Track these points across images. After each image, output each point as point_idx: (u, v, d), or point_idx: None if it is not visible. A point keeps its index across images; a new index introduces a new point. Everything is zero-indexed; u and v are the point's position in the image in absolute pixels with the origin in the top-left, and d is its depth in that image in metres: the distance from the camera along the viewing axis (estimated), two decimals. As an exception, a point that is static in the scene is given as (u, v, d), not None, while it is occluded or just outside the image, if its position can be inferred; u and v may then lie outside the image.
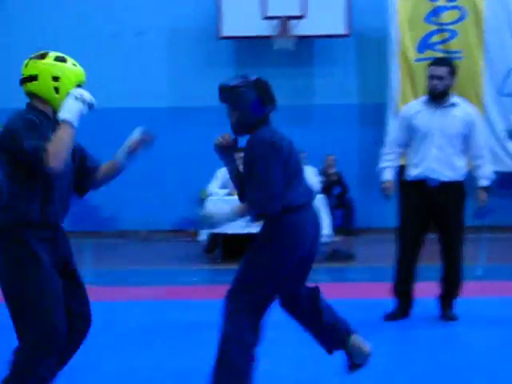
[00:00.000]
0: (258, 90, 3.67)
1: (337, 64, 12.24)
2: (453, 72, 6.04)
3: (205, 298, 7.43)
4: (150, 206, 12.32)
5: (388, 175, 6.14)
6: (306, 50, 12.14)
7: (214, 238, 9.71)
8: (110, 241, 12.21)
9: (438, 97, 5.94)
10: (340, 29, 11.51)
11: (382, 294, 6.32)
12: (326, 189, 11.08)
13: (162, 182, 12.45)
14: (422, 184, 5.90)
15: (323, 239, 9.26)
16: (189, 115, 12.35)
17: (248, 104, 3.63)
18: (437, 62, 6.17)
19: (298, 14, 11.34)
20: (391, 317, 6.13)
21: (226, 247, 9.77)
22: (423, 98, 6.11)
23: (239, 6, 11.42)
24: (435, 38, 11.45)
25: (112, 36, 12.26)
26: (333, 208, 10.98)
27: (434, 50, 11.37)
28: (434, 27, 11.42)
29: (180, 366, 4.91)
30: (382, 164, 6.26)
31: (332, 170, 11.84)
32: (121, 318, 6.52)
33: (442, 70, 5.93)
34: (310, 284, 3.96)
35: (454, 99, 6.07)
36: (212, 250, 10.02)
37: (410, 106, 6.29)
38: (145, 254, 11.10)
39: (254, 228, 8.34)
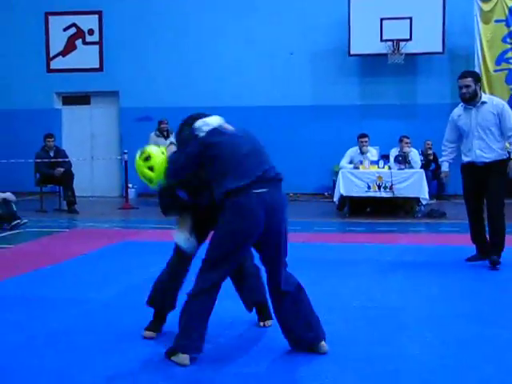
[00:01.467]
0: None
1: (434, 74, 13.81)
2: (476, 80, 6.62)
3: (337, 242, 8.48)
4: (297, 175, 13.86)
5: (444, 167, 7.05)
6: (412, 63, 13.83)
7: (344, 199, 11.10)
8: None
9: (468, 100, 6.55)
10: (437, 47, 13.23)
11: (467, 243, 7.02)
12: (425, 165, 12.13)
13: (307, 159, 14.48)
14: (472, 166, 6.66)
15: (424, 202, 11.03)
16: (326, 111, 14.49)
17: None
18: (463, 74, 6.66)
19: (406, 37, 13.22)
20: (472, 259, 6.87)
21: (352, 206, 11.17)
22: (461, 103, 6.72)
23: (363, 32, 13.36)
24: (509, 54, 13.03)
25: (270, 55, 14.60)
26: (430, 179, 11.91)
27: (508, 62, 13.00)
28: (509, 46, 13.01)
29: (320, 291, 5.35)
30: (441, 158, 7.21)
31: (429, 152, 12.98)
32: None
33: (467, 81, 6.51)
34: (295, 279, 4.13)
35: (484, 98, 6.65)
36: (342, 208, 11.40)
37: (455, 111, 6.82)
38: (293, 210, 12.66)
39: (373, 192, 11.00)
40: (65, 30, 15.94)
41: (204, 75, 15.00)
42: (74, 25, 15.87)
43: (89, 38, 15.91)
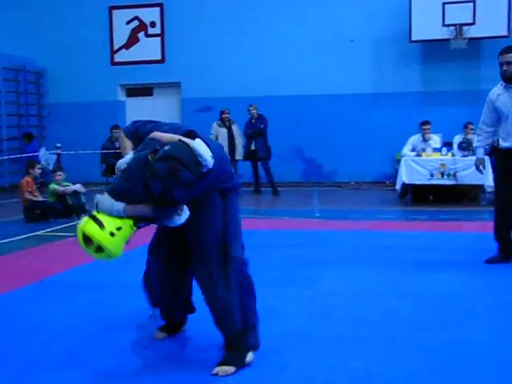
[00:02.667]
0: None
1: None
2: None
3: (399, 229, 8.46)
4: (359, 163, 14.48)
5: (480, 153, 6.43)
6: (475, 48, 13.71)
7: (406, 187, 10.94)
8: (330, 189, 14.28)
9: (509, 79, 5.92)
10: (502, 31, 13.08)
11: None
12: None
13: (368, 147, 14.51)
14: (509, 152, 6.03)
15: (488, 189, 10.34)
16: (387, 98, 14.53)
17: None
18: (504, 50, 5.96)
19: (469, 21, 13.12)
20: (492, 260, 6.18)
21: (414, 194, 11.03)
22: (501, 82, 6.04)
23: (425, 17, 13.31)
24: None
25: (331, 43, 14.66)
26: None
27: None
28: None
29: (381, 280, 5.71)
30: (476, 144, 6.67)
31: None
32: (339, 242, 7.43)
33: (508, 56, 5.85)
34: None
35: None
36: (404, 196, 11.30)
37: (494, 90, 6.14)
38: (355, 199, 12.58)
39: (436, 180, 10.86)
40: (128, 23, 16.25)
41: (264, 64, 15.11)
42: (136, 18, 16.19)
43: (151, 31, 16.19)
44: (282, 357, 3.78)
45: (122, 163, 3.48)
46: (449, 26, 13.26)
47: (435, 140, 11.63)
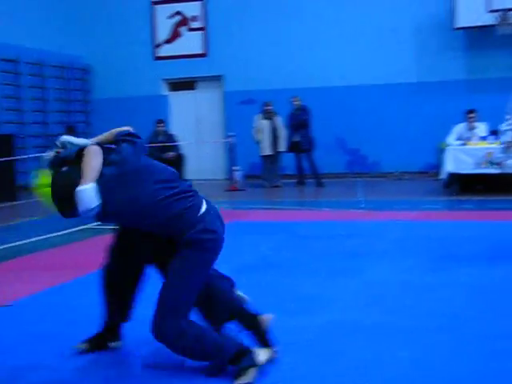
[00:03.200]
0: None
1: (548, 44, 13.11)
2: None
3: (444, 220, 8.55)
4: (403, 153, 14.41)
5: (506, 137, 6.70)
6: None
7: (452, 177, 10.92)
8: (374, 179, 14.32)
9: None
10: None
11: None
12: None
13: (412, 136, 14.41)
14: None
15: None
16: (431, 87, 14.36)
17: None
18: None
19: None
20: None
21: (461, 183, 11.06)
22: None
23: (469, 4, 13.10)
24: None
25: (373, 32, 14.56)
26: None
27: None
28: None
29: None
30: (503, 127, 6.90)
31: None
32: (384, 232, 7.45)
33: None
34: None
35: None
36: (449, 186, 11.28)
37: None
38: (399, 189, 12.67)
39: (482, 169, 10.67)
40: (170, 17, 16.38)
41: (307, 56, 15.10)
42: (178, 12, 16.32)
43: (193, 25, 16.31)
44: (329, 346, 3.81)
45: None
46: (494, 11, 13.00)
47: (481, 128, 11.50)
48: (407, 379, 3.32)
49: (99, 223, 8.91)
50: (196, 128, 16.60)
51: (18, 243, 7.36)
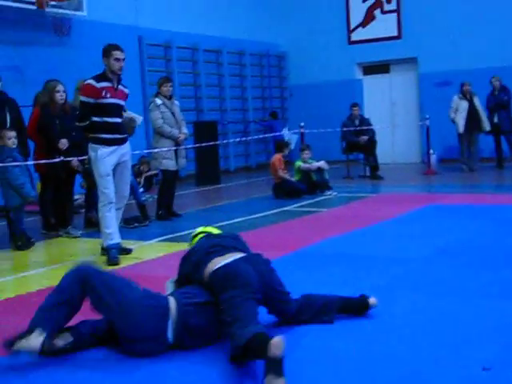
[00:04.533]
0: None
1: None
2: None
3: None
4: None
5: None
6: None
7: None
8: None
9: None
10: None
11: None
12: None
13: None
14: None
15: None
16: None
17: None
18: None
19: None
20: None
21: None
22: None
23: None
24: None
25: None
26: None
27: None
28: None
29: None
30: None
31: None
32: None
33: None
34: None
35: None
36: None
37: None
38: None
39: None
40: (364, 1, 16.53)
41: (506, 33, 14.55)
42: (372, -5, 16.36)
43: (387, 7, 16.26)
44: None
45: None
46: None
47: None
48: None
49: (297, 205, 9.46)
50: (390, 111, 16.57)
51: (222, 223, 7.85)
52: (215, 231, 4.31)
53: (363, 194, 10.65)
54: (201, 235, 4.22)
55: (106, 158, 6.27)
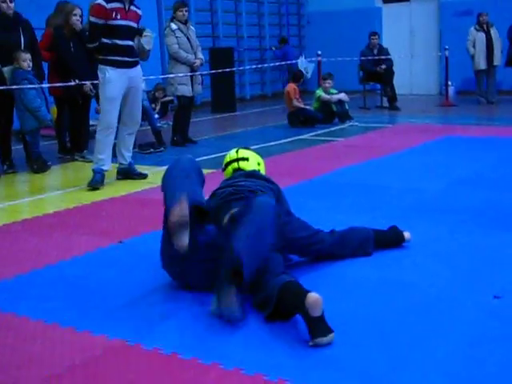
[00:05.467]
0: None
1: None
2: None
3: None
4: None
5: None
6: None
7: None
8: None
9: None
10: None
11: None
12: None
13: None
14: None
15: None
16: None
17: None
18: None
19: None
20: None
21: None
22: None
23: None
24: None
25: None
26: None
27: None
28: None
29: None
30: None
31: None
32: None
33: None
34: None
35: None
36: None
37: None
38: None
39: None
40: None
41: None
42: None
43: None
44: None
45: None
46: None
47: None
48: None
49: (312, 134, 9.45)
50: (409, 41, 16.25)
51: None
52: (247, 166, 4.02)
53: (380, 124, 10.57)
54: (234, 165, 4.04)
55: (114, 81, 6.20)
